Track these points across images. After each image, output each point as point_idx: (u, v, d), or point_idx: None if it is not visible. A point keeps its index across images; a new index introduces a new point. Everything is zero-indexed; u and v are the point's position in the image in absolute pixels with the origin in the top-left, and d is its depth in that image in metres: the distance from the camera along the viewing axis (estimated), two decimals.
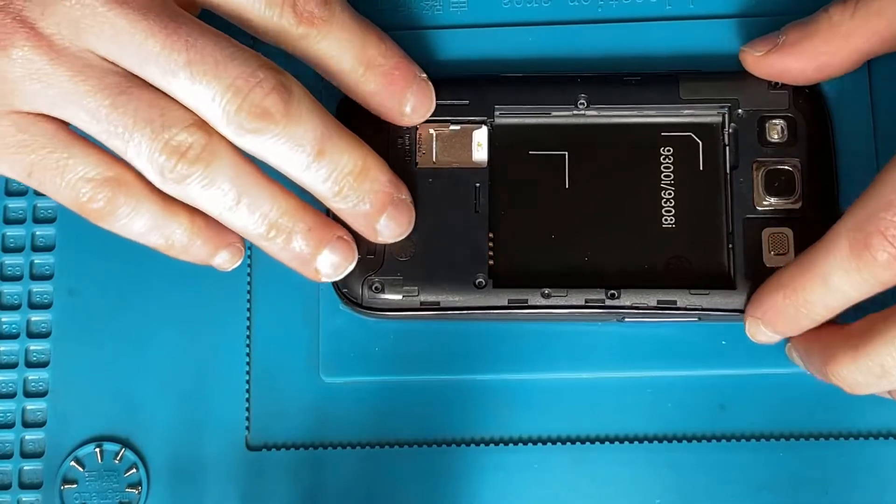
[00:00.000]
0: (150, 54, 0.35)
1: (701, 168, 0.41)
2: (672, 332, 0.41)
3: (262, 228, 0.38)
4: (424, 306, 0.40)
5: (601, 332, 0.41)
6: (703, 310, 0.40)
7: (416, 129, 0.41)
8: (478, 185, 0.41)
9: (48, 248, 0.44)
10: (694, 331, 0.41)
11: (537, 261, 0.41)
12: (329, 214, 0.40)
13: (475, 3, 0.43)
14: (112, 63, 0.36)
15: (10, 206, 0.44)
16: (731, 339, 0.41)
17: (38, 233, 0.44)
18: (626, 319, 0.40)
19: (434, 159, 0.41)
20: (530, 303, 0.40)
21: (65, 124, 0.37)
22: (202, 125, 0.36)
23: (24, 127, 0.37)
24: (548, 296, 0.40)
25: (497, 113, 0.41)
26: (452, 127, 0.41)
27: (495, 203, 0.41)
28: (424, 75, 0.40)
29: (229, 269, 0.40)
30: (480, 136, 0.41)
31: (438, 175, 0.41)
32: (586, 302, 0.40)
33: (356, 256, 0.40)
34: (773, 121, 0.41)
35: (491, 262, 0.40)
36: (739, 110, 0.41)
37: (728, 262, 0.40)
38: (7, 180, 0.44)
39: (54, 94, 0.36)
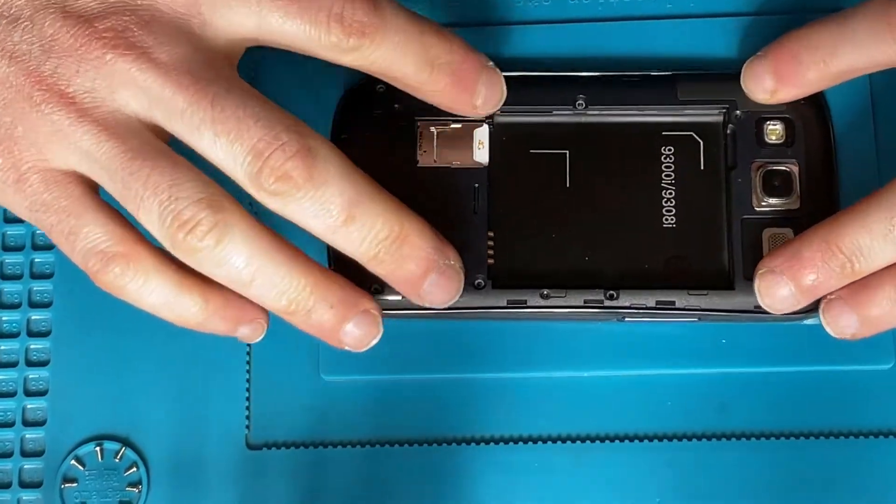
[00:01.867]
0: (176, 110, 0.35)
1: (701, 168, 0.41)
2: (672, 331, 0.41)
3: (281, 304, 0.37)
4: (423, 307, 0.40)
5: (601, 331, 0.41)
6: (701, 310, 0.40)
7: (418, 126, 0.41)
8: (477, 185, 0.41)
9: (48, 247, 0.43)
10: (694, 330, 0.41)
11: (536, 261, 0.40)
12: None
13: (474, 2, 0.43)
14: (141, 121, 0.36)
15: None
16: (731, 338, 0.41)
17: (38, 231, 0.44)
18: (626, 319, 0.40)
19: (435, 158, 0.41)
20: (529, 303, 0.40)
21: (94, 190, 0.37)
22: (213, 202, 0.35)
23: (51, 186, 0.37)
24: (547, 296, 0.40)
25: (498, 111, 0.41)
26: (454, 125, 0.41)
27: (495, 203, 0.41)
28: (491, 63, 0.39)
29: (254, 342, 0.39)
30: (482, 135, 0.41)
31: (439, 174, 0.41)
32: (585, 302, 0.40)
33: (381, 330, 0.39)
34: (771, 122, 0.41)
35: (490, 262, 0.40)
36: (737, 111, 0.41)
37: (727, 263, 0.40)
38: None
39: (78, 152, 0.36)
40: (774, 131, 0.40)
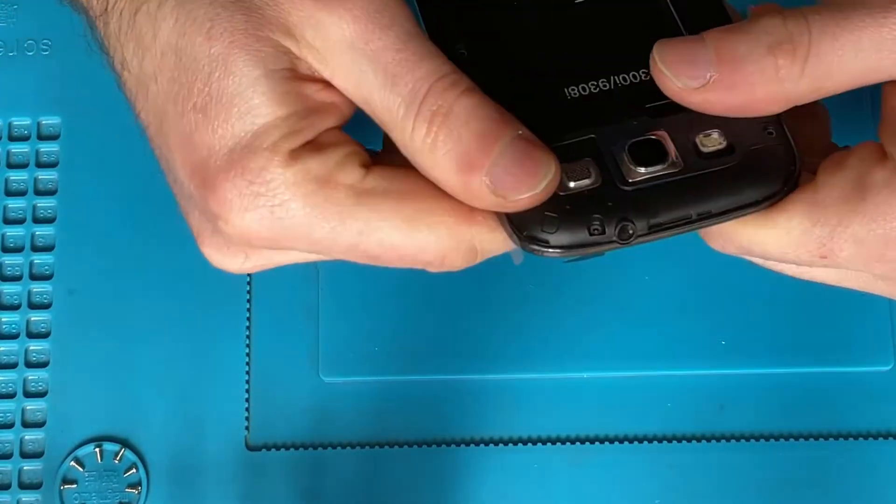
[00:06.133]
0: None
1: None
2: (672, 332, 0.41)
3: None
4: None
5: (602, 332, 0.41)
6: None
7: None
8: None
9: (48, 249, 0.44)
10: (694, 331, 0.41)
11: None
12: None
13: None
14: None
15: (10, 206, 0.44)
16: (730, 339, 0.41)
17: (37, 233, 0.44)
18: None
19: None
20: None
21: None
22: None
23: None
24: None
25: None
26: None
27: None
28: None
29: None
30: None
31: None
32: None
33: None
34: None
35: None
36: None
37: None
38: (7, 179, 0.44)
39: None
40: None
